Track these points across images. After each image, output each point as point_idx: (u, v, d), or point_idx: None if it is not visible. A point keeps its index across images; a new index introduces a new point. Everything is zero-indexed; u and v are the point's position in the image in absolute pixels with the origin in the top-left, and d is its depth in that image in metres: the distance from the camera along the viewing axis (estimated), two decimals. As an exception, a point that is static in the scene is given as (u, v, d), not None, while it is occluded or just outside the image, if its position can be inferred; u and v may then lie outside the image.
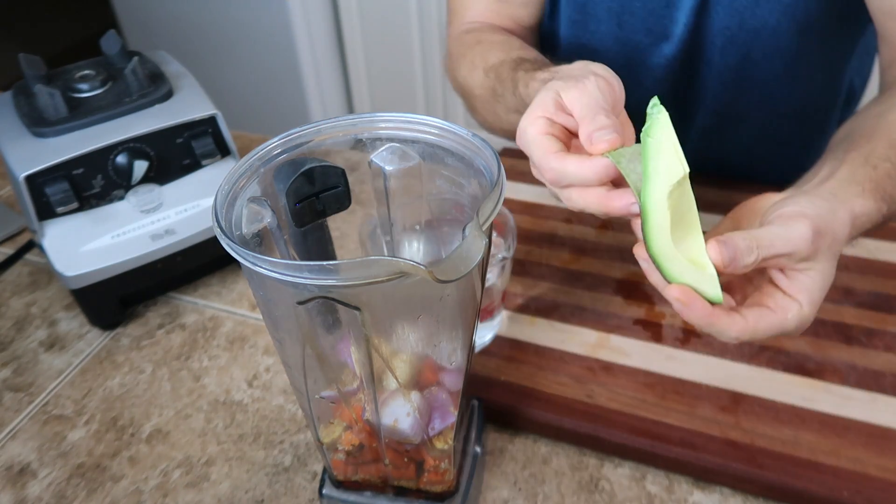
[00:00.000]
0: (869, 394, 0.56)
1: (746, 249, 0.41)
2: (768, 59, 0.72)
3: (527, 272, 0.69)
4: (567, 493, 0.53)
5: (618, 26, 0.74)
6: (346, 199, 0.43)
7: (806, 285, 0.42)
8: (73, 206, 0.64)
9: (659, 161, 0.40)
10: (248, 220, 0.39)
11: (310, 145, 0.42)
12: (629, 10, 0.72)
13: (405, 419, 0.42)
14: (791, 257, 0.42)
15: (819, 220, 0.43)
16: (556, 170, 0.44)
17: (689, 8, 0.69)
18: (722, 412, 0.55)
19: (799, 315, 0.42)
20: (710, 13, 0.69)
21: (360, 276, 0.32)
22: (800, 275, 0.43)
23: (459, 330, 0.41)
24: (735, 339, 0.42)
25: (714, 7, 0.69)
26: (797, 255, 0.42)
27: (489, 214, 0.35)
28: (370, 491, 0.48)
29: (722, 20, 0.69)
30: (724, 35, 0.70)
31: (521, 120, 0.47)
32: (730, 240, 0.41)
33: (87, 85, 0.68)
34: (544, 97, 0.47)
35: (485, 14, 0.78)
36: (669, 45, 0.73)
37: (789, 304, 0.42)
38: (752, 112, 0.78)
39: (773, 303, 0.43)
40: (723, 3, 0.68)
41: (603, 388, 0.57)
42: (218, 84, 1.84)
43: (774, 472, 0.51)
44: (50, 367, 0.66)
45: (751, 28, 0.69)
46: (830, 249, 0.43)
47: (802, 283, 0.43)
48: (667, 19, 0.71)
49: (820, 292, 0.43)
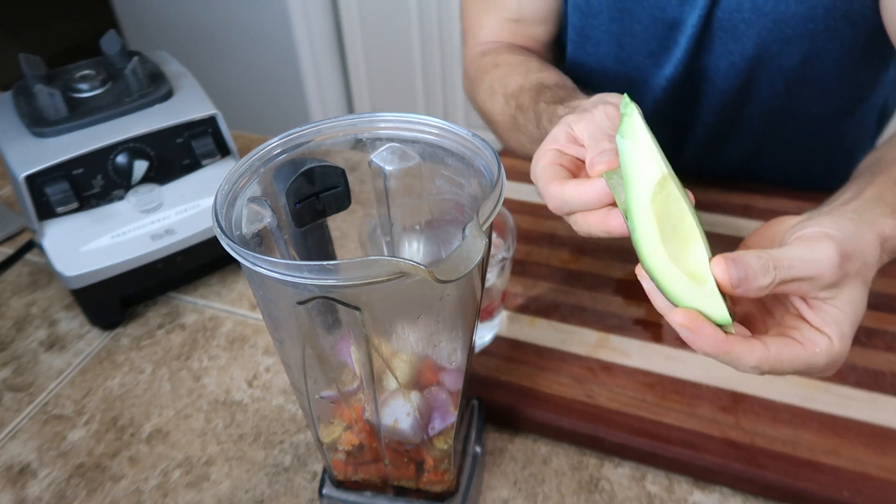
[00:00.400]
0: (869, 393, 0.56)
1: (761, 269, 0.36)
2: (772, 80, 0.71)
3: (527, 272, 0.69)
4: (567, 493, 0.53)
5: (618, 48, 0.73)
6: (346, 199, 0.43)
7: (834, 317, 0.38)
8: (73, 206, 0.64)
9: (636, 166, 0.37)
10: (248, 220, 0.39)
11: (310, 145, 0.42)
12: (630, 33, 0.71)
13: (405, 419, 0.42)
14: (814, 283, 0.38)
15: (846, 241, 0.38)
16: (557, 196, 0.43)
17: (690, 33, 0.68)
18: (722, 412, 0.55)
19: (828, 351, 0.38)
20: (712, 38, 0.69)
21: (360, 276, 0.32)
22: (825, 305, 0.38)
23: (459, 330, 0.41)
24: (755, 368, 0.38)
25: (716, 33, 0.68)
26: (821, 280, 0.37)
27: (489, 214, 0.35)
28: (370, 491, 0.48)
29: (725, 45, 0.68)
30: (726, 59, 0.70)
31: (535, 154, 0.47)
32: (740, 257, 0.37)
33: (87, 85, 0.68)
34: (557, 131, 0.47)
35: (500, 33, 0.77)
36: (670, 67, 0.72)
37: (817, 337, 0.38)
38: (754, 122, 0.77)
39: (800, 335, 0.38)
40: (725, 29, 0.67)
41: (603, 388, 0.57)
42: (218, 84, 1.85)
43: (774, 472, 0.51)
44: (50, 367, 0.66)
45: (752, 56, 0.68)
46: (860, 275, 0.39)
47: (830, 314, 0.38)
48: (668, 41, 0.71)
49: (850, 326, 0.39)
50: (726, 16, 0.66)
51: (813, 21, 0.64)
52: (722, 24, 0.67)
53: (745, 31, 0.66)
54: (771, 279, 0.37)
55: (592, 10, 0.72)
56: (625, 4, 0.70)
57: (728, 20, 0.66)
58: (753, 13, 0.65)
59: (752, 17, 0.65)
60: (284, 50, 2.16)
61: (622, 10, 0.70)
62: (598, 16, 0.72)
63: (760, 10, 0.64)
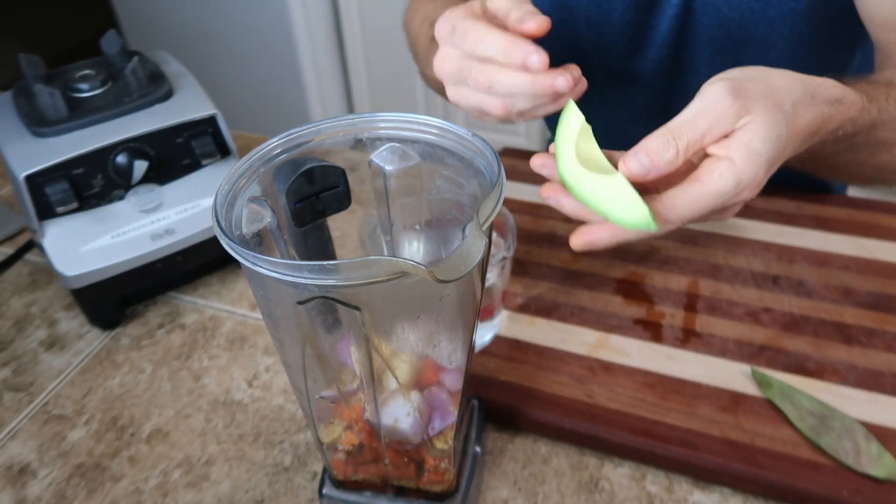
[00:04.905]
0: (869, 394, 0.56)
1: (662, 146, 0.37)
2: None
3: (527, 272, 0.69)
4: (567, 492, 0.53)
5: (598, 35, 0.73)
6: (346, 199, 0.43)
7: (740, 138, 0.38)
8: (73, 206, 0.64)
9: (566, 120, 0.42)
10: (247, 220, 0.39)
11: (310, 145, 0.42)
12: (608, 22, 0.71)
13: (405, 419, 0.42)
14: (721, 124, 0.37)
15: (737, 74, 0.39)
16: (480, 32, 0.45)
17: (670, 17, 0.68)
18: (722, 412, 0.55)
19: (731, 171, 0.37)
20: (694, 22, 0.68)
21: (360, 276, 0.31)
22: (735, 132, 0.38)
23: (459, 330, 0.41)
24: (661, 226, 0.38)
25: (699, 19, 0.67)
26: (724, 118, 0.37)
27: (489, 214, 0.35)
28: (370, 491, 0.48)
29: (707, 31, 0.68)
30: (711, 46, 0.69)
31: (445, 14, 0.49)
32: (640, 146, 0.37)
33: (87, 85, 0.68)
34: (471, 3, 0.49)
35: None
36: (653, 53, 0.72)
37: (715, 164, 0.38)
38: None
39: (697, 172, 0.38)
40: (707, 13, 0.66)
41: (603, 388, 0.57)
42: (218, 84, 1.85)
43: (774, 472, 0.51)
44: (50, 366, 0.66)
45: (739, 39, 0.67)
46: (769, 99, 0.38)
47: (735, 138, 0.38)
48: (645, 28, 0.70)
49: (762, 142, 0.38)
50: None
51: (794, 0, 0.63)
52: (705, 7, 0.66)
53: (729, 14, 0.65)
54: (675, 149, 0.37)
55: None
56: None
57: (712, 4, 0.65)
58: None
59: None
60: (284, 50, 2.16)
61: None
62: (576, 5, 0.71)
63: None
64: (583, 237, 0.41)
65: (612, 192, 0.39)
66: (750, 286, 0.66)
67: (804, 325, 0.62)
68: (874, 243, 0.70)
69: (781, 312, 0.63)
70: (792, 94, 0.41)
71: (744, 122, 0.38)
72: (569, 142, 0.41)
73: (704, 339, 0.61)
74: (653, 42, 0.71)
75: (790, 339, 0.61)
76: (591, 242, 0.41)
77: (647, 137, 0.38)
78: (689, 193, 0.38)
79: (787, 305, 0.64)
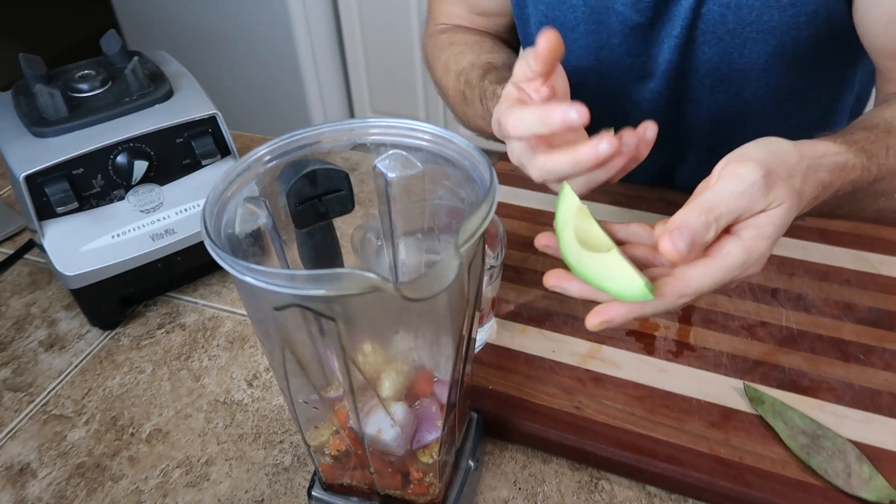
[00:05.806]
0: (864, 413, 0.54)
1: (704, 227, 0.39)
2: (760, 98, 0.70)
3: (521, 279, 0.68)
4: (567, 493, 0.53)
5: (597, 62, 0.73)
6: (349, 202, 0.43)
7: (754, 222, 0.40)
8: (73, 206, 0.64)
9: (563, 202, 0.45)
10: (242, 219, 0.38)
11: (311, 148, 0.42)
12: (607, 47, 0.71)
13: (388, 430, 0.41)
14: (753, 209, 0.40)
15: (766, 162, 0.41)
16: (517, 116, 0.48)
17: (671, 46, 0.68)
18: (711, 428, 0.53)
19: (741, 249, 0.40)
20: (694, 52, 0.68)
21: (330, 288, 0.31)
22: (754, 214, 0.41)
23: (443, 345, 0.40)
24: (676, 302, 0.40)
25: (700, 47, 0.67)
26: (757, 204, 0.40)
27: (471, 234, 0.34)
28: (357, 497, 0.47)
29: (709, 59, 0.68)
30: (712, 75, 0.69)
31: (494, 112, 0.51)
32: (683, 224, 0.38)
33: (87, 85, 0.68)
34: (506, 90, 0.52)
35: (460, 21, 0.81)
36: (654, 82, 0.72)
37: (724, 243, 0.40)
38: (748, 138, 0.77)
39: (708, 249, 0.41)
40: (709, 42, 0.66)
41: (591, 400, 0.56)
42: (218, 84, 1.85)
43: (762, 492, 0.49)
44: (50, 366, 0.66)
45: (739, 68, 0.67)
46: (788, 182, 0.41)
47: (751, 219, 0.40)
48: (644, 56, 0.70)
49: (775, 228, 0.41)
50: (710, 28, 0.65)
51: (797, 28, 0.63)
52: (706, 37, 0.66)
53: (731, 43, 0.65)
54: (714, 231, 0.39)
55: (568, 23, 0.71)
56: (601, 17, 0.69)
57: (712, 33, 0.65)
58: (738, 24, 0.64)
59: (737, 28, 0.64)
60: (284, 50, 2.16)
61: (599, 23, 0.70)
62: (574, 29, 0.71)
63: (745, 21, 0.63)
64: (599, 316, 0.41)
65: (608, 267, 0.41)
66: (748, 299, 0.64)
67: (801, 341, 0.60)
68: (878, 257, 0.68)
69: (779, 327, 0.61)
70: (800, 167, 0.43)
71: (767, 207, 0.40)
72: (567, 223, 0.44)
73: (698, 353, 0.59)
74: (653, 71, 0.71)
75: (786, 354, 0.59)
76: (609, 320, 0.41)
77: (687, 212, 0.39)
78: (700, 269, 0.40)
79: (785, 320, 0.62)
